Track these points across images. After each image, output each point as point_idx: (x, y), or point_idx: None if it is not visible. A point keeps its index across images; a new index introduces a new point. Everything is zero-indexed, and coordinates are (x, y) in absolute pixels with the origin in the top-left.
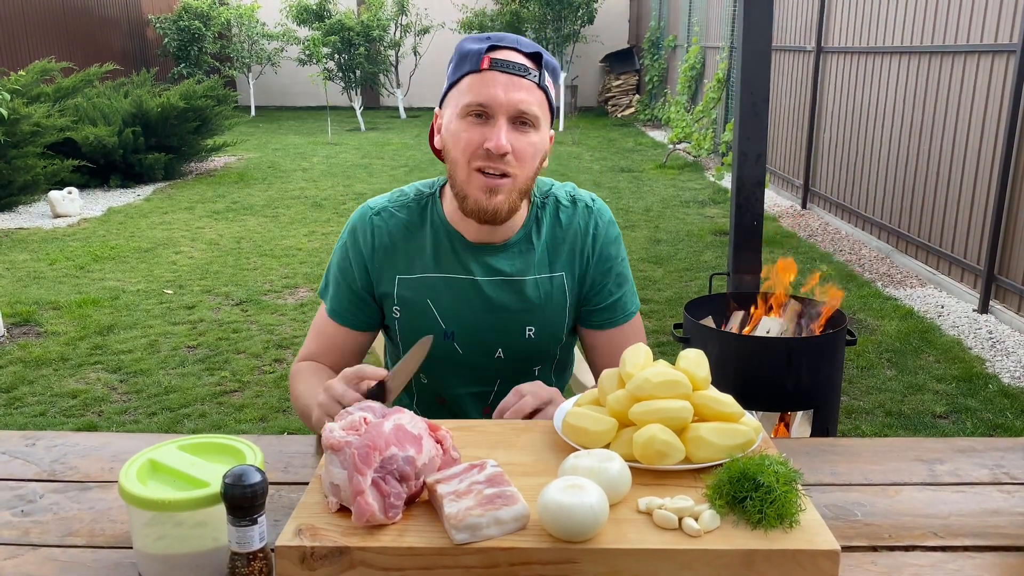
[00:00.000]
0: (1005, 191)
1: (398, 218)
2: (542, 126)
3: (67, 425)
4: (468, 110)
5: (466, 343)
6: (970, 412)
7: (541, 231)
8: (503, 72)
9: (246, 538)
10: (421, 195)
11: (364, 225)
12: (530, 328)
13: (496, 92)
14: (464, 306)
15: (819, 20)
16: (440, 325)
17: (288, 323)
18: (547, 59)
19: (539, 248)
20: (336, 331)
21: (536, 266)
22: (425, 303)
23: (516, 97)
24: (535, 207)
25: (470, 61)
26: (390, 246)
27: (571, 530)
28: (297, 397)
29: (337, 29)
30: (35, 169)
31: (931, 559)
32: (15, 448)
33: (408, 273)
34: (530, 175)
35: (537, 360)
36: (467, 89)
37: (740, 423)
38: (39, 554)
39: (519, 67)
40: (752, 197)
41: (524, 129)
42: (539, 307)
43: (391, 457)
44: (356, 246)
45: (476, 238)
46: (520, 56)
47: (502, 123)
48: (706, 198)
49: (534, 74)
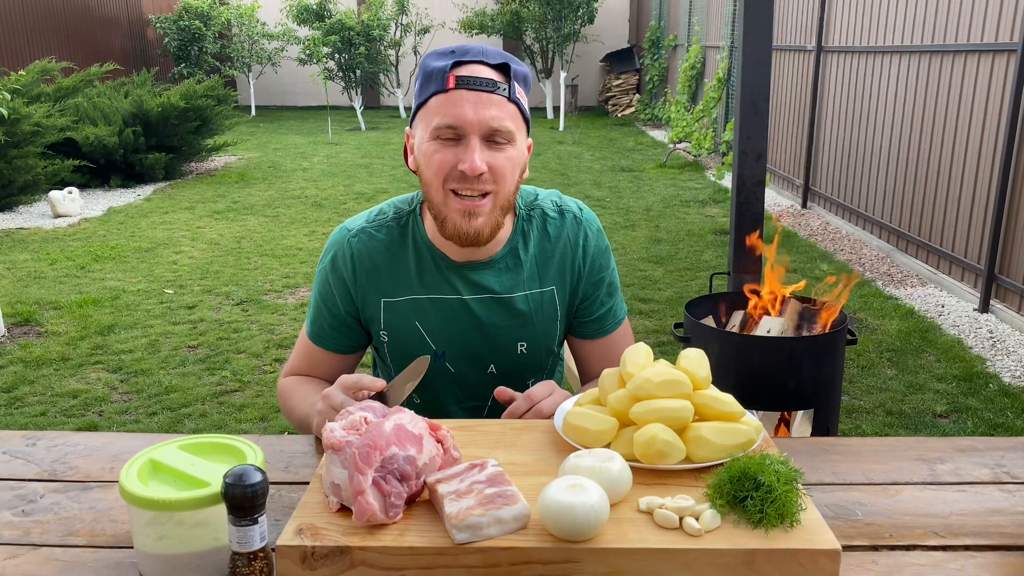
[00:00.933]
0: (1005, 190)
1: (378, 239)
2: (517, 139)
3: (68, 425)
4: (438, 132)
5: (458, 362)
6: (971, 411)
7: (528, 245)
8: (470, 90)
9: (247, 538)
10: (401, 213)
11: (343, 249)
12: (522, 344)
13: (465, 112)
14: (453, 326)
15: (820, 19)
16: (430, 346)
17: (288, 323)
18: (515, 68)
19: (527, 263)
20: (320, 355)
21: (526, 281)
22: (413, 325)
23: (487, 115)
24: (520, 220)
25: (435, 80)
26: (372, 269)
27: (572, 530)
28: (291, 410)
29: (337, 29)
30: (35, 169)
31: (932, 558)
32: (16, 448)
33: (393, 296)
34: (511, 190)
35: (530, 373)
36: (435, 110)
37: (741, 423)
38: (40, 554)
39: (486, 83)
40: (752, 196)
41: (499, 146)
42: (530, 322)
43: (392, 457)
44: (337, 271)
45: (460, 257)
46: (487, 69)
47: (475, 143)
48: (707, 197)
49: (503, 87)
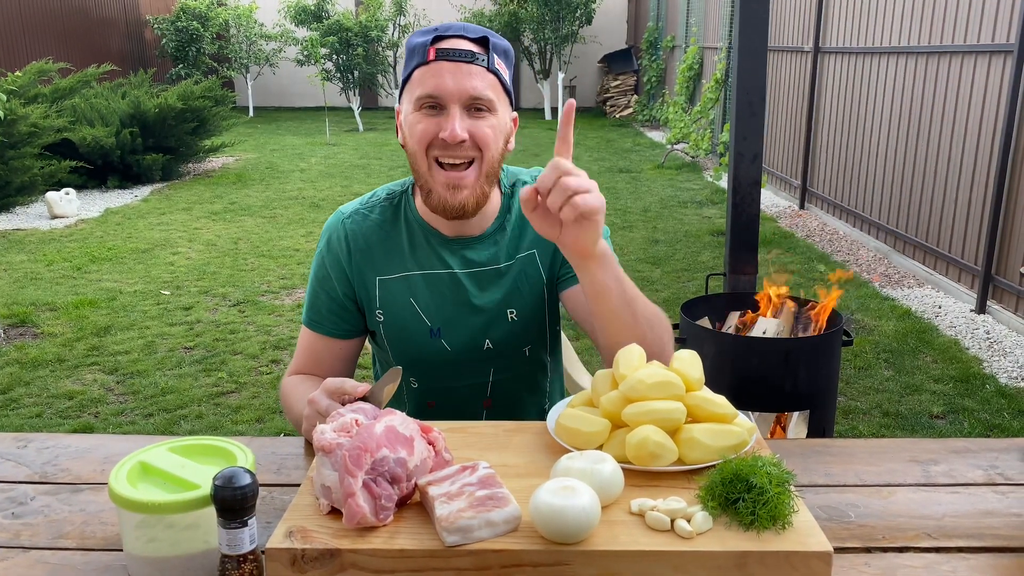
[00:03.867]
0: (1002, 191)
1: (371, 219)
2: (498, 108)
3: (63, 426)
4: (421, 103)
5: (453, 338)
6: (967, 412)
7: (512, 215)
8: (450, 60)
9: (236, 540)
10: (393, 194)
11: (338, 231)
12: (511, 311)
13: (445, 81)
14: (446, 301)
15: (817, 20)
16: (425, 323)
17: (285, 324)
18: (495, 41)
19: (510, 231)
20: (320, 343)
21: (508, 250)
22: (408, 303)
23: (466, 84)
24: (505, 196)
25: (417, 54)
26: (366, 248)
27: (563, 532)
28: (290, 409)
29: (335, 30)
30: (32, 170)
31: (924, 560)
32: (7, 450)
33: (387, 273)
34: (496, 157)
35: (524, 341)
36: (418, 82)
37: (733, 424)
38: (29, 556)
39: (465, 53)
40: (748, 197)
41: (480, 114)
42: (516, 288)
43: (382, 459)
44: (332, 253)
45: (451, 232)
46: (466, 42)
47: (455, 111)
48: (704, 198)
49: (482, 58)
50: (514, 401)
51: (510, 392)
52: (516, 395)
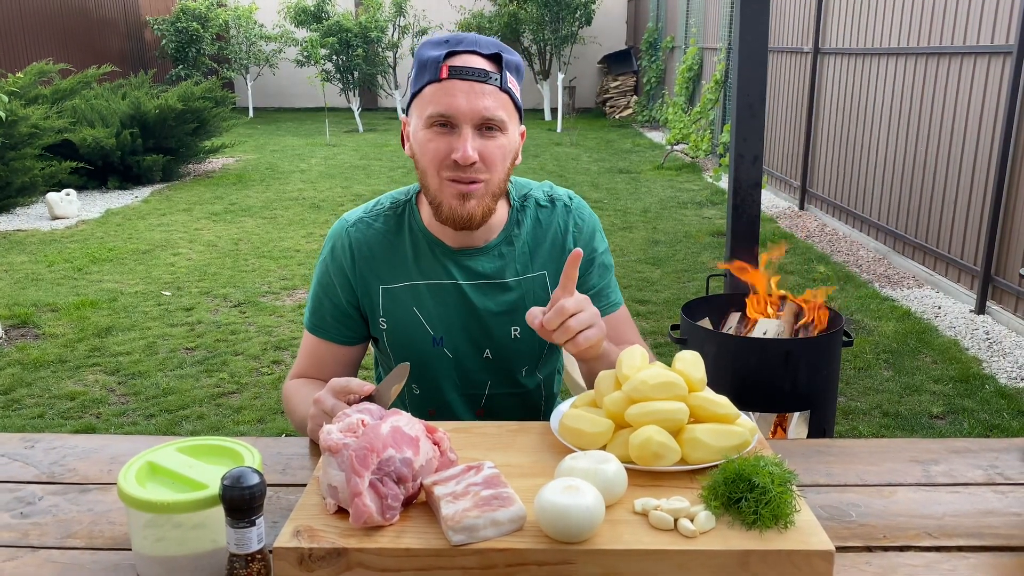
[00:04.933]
0: (1002, 192)
1: (375, 228)
2: (509, 128)
3: (65, 427)
4: (432, 120)
5: (455, 347)
6: (967, 413)
7: (521, 232)
8: (463, 80)
9: (244, 540)
10: (397, 203)
11: (342, 239)
12: (515, 328)
13: (458, 102)
14: (449, 311)
15: (816, 21)
16: (428, 332)
17: (286, 324)
18: (508, 58)
19: (520, 249)
20: (323, 348)
21: (518, 267)
22: (411, 311)
23: (479, 105)
24: (514, 210)
25: (429, 70)
26: (370, 256)
27: (567, 531)
28: (292, 412)
29: (335, 30)
30: (33, 171)
31: (925, 559)
32: (14, 450)
33: (391, 282)
34: (502, 177)
35: (524, 360)
36: (429, 99)
37: (735, 424)
38: (38, 556)
39: (479, 73)
40: (749, 199)
41: (491, 134)
42: (523, 307)
43: (388, 459)
44: (336, 261)
45: (456, 243)
46: (479, 59)
47: (467, 132)
48: (704, 199)
49: (495, 77)
50: (507, 415)
51: (504, 406)
52: (510, 408)
